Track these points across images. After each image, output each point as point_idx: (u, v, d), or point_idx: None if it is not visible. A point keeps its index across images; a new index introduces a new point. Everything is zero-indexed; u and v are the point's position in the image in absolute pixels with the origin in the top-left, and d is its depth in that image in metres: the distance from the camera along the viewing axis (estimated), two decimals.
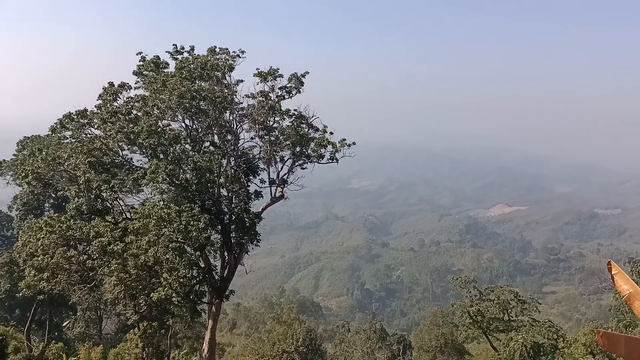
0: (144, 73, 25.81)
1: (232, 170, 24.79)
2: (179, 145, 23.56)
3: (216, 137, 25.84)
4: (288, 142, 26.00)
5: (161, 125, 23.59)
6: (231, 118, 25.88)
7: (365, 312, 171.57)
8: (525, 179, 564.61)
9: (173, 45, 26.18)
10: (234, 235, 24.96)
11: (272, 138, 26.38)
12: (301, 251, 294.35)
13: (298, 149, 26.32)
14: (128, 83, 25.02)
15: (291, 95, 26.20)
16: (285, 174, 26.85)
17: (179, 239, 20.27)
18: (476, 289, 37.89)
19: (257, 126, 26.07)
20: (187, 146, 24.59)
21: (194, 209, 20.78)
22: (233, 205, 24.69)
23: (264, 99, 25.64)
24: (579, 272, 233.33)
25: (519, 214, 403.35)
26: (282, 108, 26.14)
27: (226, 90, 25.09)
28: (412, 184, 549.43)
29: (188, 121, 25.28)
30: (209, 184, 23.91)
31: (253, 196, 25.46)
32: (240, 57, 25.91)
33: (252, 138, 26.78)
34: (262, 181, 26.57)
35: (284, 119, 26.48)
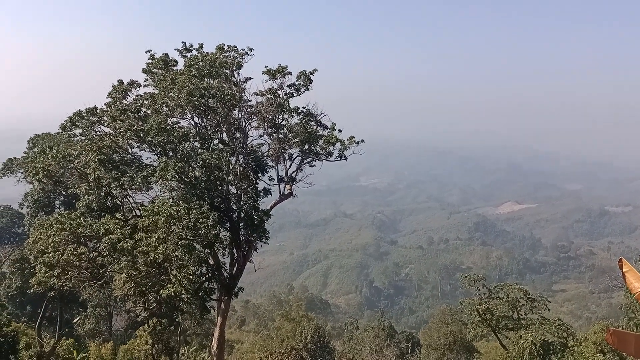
0: (153, 71, 25.80)
1: (241, 167, 24.79)
2: (188, 142, 23.53)
3: (225, 135, 25.78)
4: (296, 140, 25.90)
5: (170, 122, 23.59)
6: (240, 116, 25.82)
7: (373, 310, 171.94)
8: (534, 177, 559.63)
9: (182, 43, 26.13)
10: (243, 232, 24.93)
11: (281, 136, 26.32)
12: (310, 249, 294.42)
13: (306, 147, 26.20)
14: (137, 81, 25.00)
15: (300, 92, 26.07)
16: (293, 172, 26.80)
17: (188, 236, 20.29)
18: (485, 287, 37.79)
19: (266, 124, 26.02)
20: (196, 144, 24.55)
21: (203, 207, 20.79)
22: (242, 202, 24.68)
23: (273, 97, 25.55)
24: (589, 270, 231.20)
25: (529, 212, 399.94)
26: (291, 106, 26.06)
27: (235, 87, 25.04)
28: (421, 182, 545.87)
29: (197, 119, 25.26)
30: (218, 182, 23.88)
31: (262, 194, 25.36)
32: (248, 55, 25.76)
33: (261, 136, 26.73)
34: (271, 179, 26.48)
35: (293, 117, 26.36)
